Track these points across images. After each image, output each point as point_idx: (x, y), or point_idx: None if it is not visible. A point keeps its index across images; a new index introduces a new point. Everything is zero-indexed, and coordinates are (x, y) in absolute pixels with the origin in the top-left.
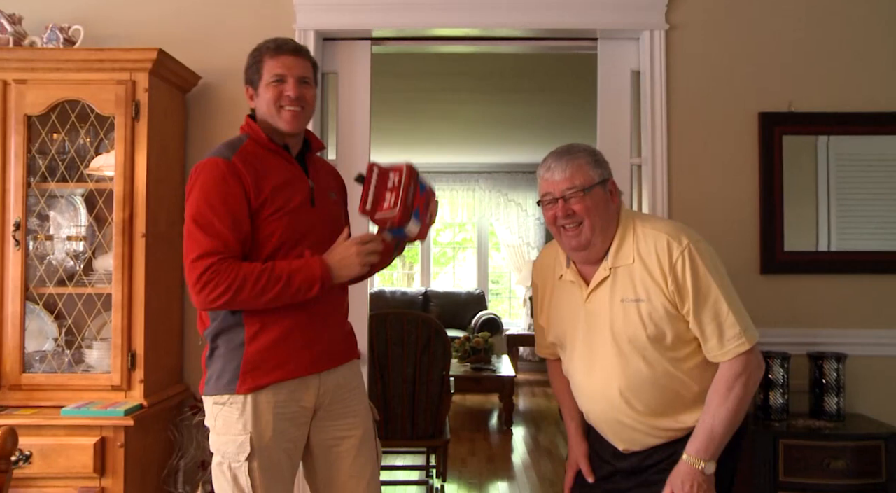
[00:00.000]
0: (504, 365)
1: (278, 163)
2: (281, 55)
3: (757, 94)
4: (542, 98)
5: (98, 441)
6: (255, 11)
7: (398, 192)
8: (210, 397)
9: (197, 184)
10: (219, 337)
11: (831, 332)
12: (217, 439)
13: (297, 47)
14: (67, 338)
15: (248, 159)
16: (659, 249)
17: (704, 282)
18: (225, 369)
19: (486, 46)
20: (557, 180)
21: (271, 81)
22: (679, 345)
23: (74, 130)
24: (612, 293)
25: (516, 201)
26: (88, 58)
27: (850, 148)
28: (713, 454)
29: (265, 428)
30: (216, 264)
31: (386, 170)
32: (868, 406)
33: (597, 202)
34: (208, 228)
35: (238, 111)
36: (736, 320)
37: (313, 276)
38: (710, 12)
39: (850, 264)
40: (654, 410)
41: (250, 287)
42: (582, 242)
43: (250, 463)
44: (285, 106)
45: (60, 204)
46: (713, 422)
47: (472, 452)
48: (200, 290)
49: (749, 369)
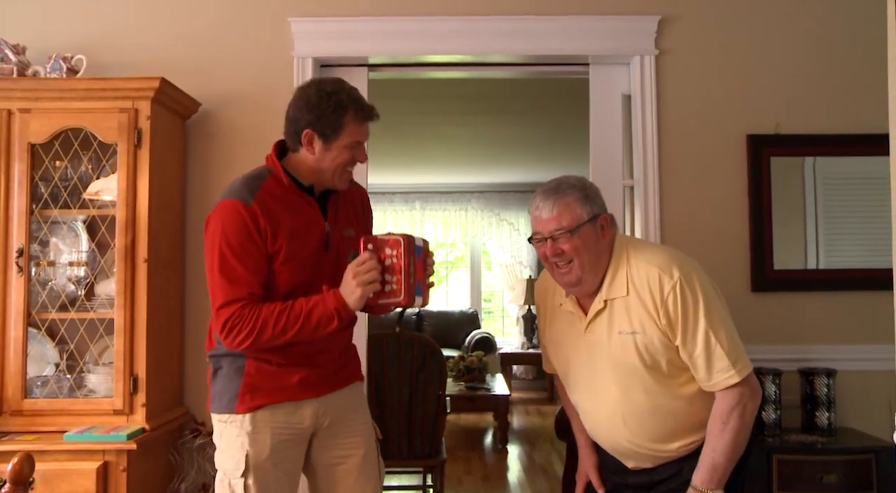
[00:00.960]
0: (498, 384)
1: (296, 206)
2: (366, 123)
3: (745, 116)
4: (534, 120)
5: (101, 466)
6: (254, 39)
7: (399, 274)
8: (215, 415)
9: (218, 229)
10: (222, 358)
11: (821, 348)
12: (220, 455)
13: (375, 111)
14: (69, 363)
15: (267, 202)
16: (651, 283)
17: (693, 316)
18: (226, 388)
19: (480, 72)
20: (545, 219)
21: (350, 145)
22: (675, 372)
23: (77, 158)
24: (609, 325)
25: (508, 221)
26: (91, 87)
27: (836, 169)
28: (719, 482)
29: (262, 447)
30: (239, 311)
31: (381, 242)
32: (858, 421)
33: (586, 241)
34: (232, 275)
35: (237, 137)
36: (725, 352)
37: (328, 310)
38: (698, 38)
39: (837, 282)
40: (657, 436)
41: (271, 329)
42: (572, 280)
43: (246, 480)
44: (349, 168)
45: (62, 230)
46: (714, 455)
47: (468, 471)
48: (226, 336)
49: (743, 400)
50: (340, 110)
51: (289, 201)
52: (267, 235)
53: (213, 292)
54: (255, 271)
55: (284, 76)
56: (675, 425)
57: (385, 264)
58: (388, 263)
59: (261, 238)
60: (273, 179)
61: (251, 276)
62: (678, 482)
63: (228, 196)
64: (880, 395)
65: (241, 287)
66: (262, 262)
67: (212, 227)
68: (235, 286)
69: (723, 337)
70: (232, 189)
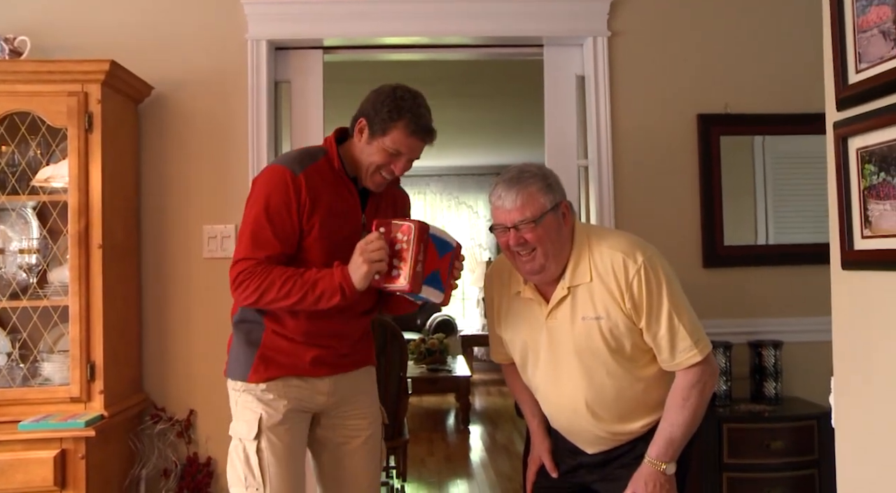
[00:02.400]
0: (460, 366)
1: (340, 191)
2: (414, 138)
3: (695, 96)
4: (491, 103)
5: (58, 454)
6: (207, 21)
7: (406, 260)
8: (230, 382)
9: (261, 191)
10: (241, 325)
11: (769, 321)
12: (234, 422)
13: (433, 137)
14: (22, 352)
15: (313, 178)
16: (616, 267)
17: (657, 298)
18: (240, 357)
19: (435, 54)
20: (508, 209)
21: (389, 151)
22: (638, 355)
23: (25, 143)
24: (572, 312)
25: (467, 204)
26: (38, 69)
27: (784, 147)
28: (673, 456)
29: (275, 413)
30: (252, 267)
31: (394, 226)
32: (803, 389)
33: (548, 230)
34: (259, 235)
35: (191, 120)
36: (687, 332)
37: (334, 283)
38: (649, 19)
39: (786, 257)
40: (618, 417)
41: (276, 290)
42: (535, 268)
43: (259, 443)
44: (383, 174)
45: (11, 217)
46: (672, 430)
47: (430, 452)
48: (235, 289)
49: (703, 378)
50: (396, 114)
51: (334, 184)
52: (305, 208)
53: (238, 245)
54: (283, 239)
55: (238, 59)
56: (636, 406)
57: (395, 248)
58: (399, 247)
59: (298, 210)
60: (325, 160)
61: (277, 242)
62: (631, 458)
63: (279, 163)
64: (823, 364)
65: (264, 249)
66: (291, 233)
67: (256, 187)
68: (258, 246)
69: (685, 318)
70: (284, 158)
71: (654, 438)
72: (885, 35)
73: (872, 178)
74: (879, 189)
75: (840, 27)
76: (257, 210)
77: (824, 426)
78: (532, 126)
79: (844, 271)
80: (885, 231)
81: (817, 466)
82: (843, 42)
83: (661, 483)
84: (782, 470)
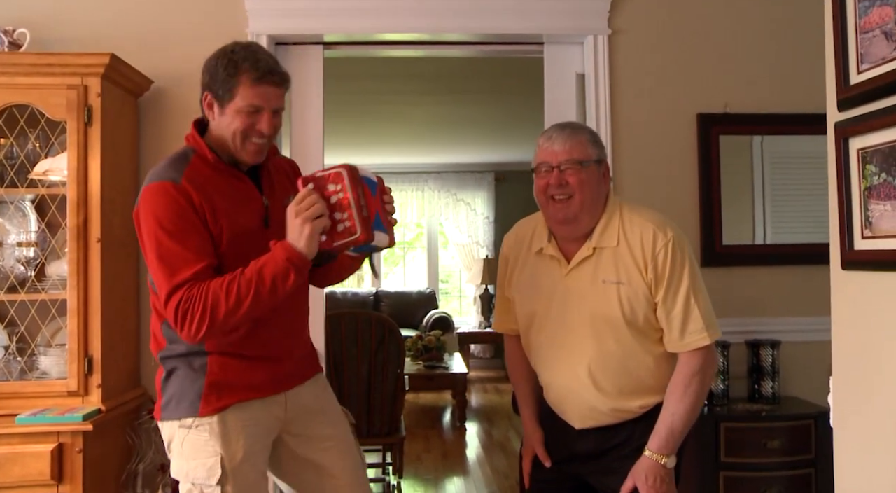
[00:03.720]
0: (456, 363)
1: (228, 183)
2: (263, 85)
3: (695, 96)
4: (489, 99)
5: (55, 448)
6: (207, 16)
7: (350, 209)
8: (173, 422)
9: (149, 215)
10: (178, 359)
11: (767, 320)
12: (185, 464)
13: (282, 77)
14: (20, 345)
15: (197, 180)
16: (644, 237)
17: (679, 275)
18: (186, 391)
19: (435, 50)
20: (557, 151)
21: (244, 110)
22: (648, 330)
23: (23, 135)
24: (594, 273)
25: (465, 201)
26: (38, 62)
27: (783, 147)
28: (673, 448)
29: (236, 449)
30: (186, 293)
31: (321, 179)
32: (800, 389)
33: (590, 178)
34: (172, 260)
35: (190, 115)
36: (701, 315)
37: (279, 262)
38: (650, 18)
39: (783, 256)
40: (618, 390)
41: (224, 302)
42: (569, 216)
43: (223, 487)
44: (252, 138)
45: (9, 210)
46: (673, 419)
47: (427, 449)
48: (181, 325)
49: (705, 366)
50: (232, 69)
51: (219, 179)
52: (205, 211)
53: (158, 283)
54: (198, 249)
55: None
56: (638, 382)
57: (331, 201)
58: (335, 199)
59: (198, 215)
60: (198, 158)
61: (194, 255)
62: (629, 449)
63: (155, 179)
64: (821, 364)
65: (184, 270)
66: (203, 239)
67: (142, 216)
68: (178, 271)
69: (701, 301)
70: (156, 172)
71: (654, 430)
72: (888, 36)
73: (873, 178)
74: (880, 190)
75: (842, 27)
76: (156, 237)
77: (821, 425)
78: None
79: (844, 271)
80: (886, 232)
81: (814, 465)
82: (844, 42)
83: (662, 477)
84: (779, 469)
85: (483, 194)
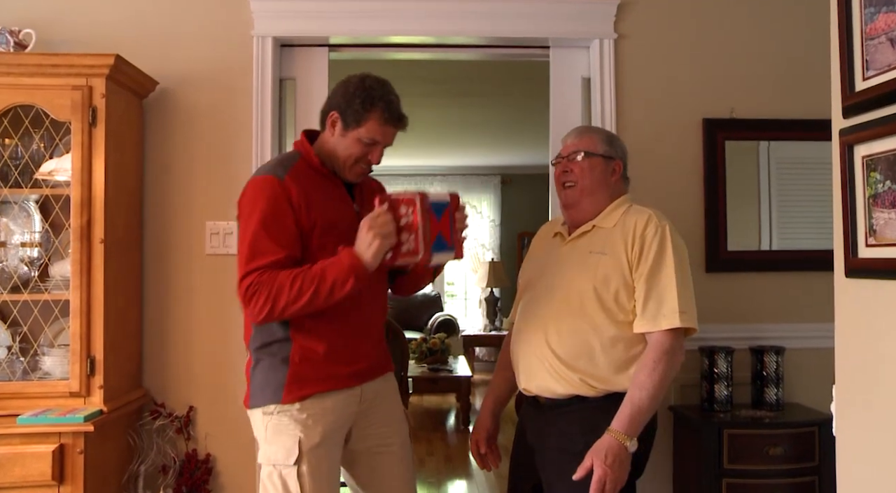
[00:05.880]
0: (461, 366)
1: (326, 186)
2: (390, 127)
3: (701, 101)
4: (495, 103)
5: (56, 449)
6: (212, 18)
7: (416, 232)
8: (258, 409)
9: (249, 201)
10: (263, 349)
11: (771, 326)
12: (267, 448)
13: (405, 121)
14: (22, 345)
15: (300, 179)
16: (639, 220)
17: (666, 258)
18: (269, 380)
19: (441, 53)
20: (568, 144)
21: (365, 141)
22: (615, 308)
23: (28, 136)
24: (587, 245)
25: (471, 204)
26: (43, 62)
27: (788, 153)
28: (636, 430)
29: (314, 434)
30: (258, 277)
31: (396, 201)
32: (804, 396)
33: (593, 169)
34: (258, 246)
35: (195, 117)
36: (679, 300)
37: (343, 266)
38: (656, 23)
39: (788, 263)
40: (565, 351)
41: (287, 292)
42: (570, 201)
43: (299, 468)
44: (362, 164)
45: (13, 210)
46: (640, 395)
47: (430, 452)
48: (246, 305)
49: (674, 348)
50: (369, 104)
51: (319, 181)
52: (301, 208)
53: (239, 263)
54: (285, 242)
55: (244, 56)
56: (586, 352)
57: (401, 223)
58: (404, 222)
59: (293, 211)
60: (303, 161)
61: (277, 246)
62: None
63: (262, 173)
64: (825, 371)
65: (264, 257)
66: (292, 236)
67: (244, 203)
68: (259, 256)
69: (682, 287)
70: (265, 167)
71: (619, 410)
72: (893, 43)
73: (878, 186)
74: (885, 197)
75: (848, 34)
76: (254, 224)
77: (825, 433)
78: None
79: (848, 279)
80: (891, 240)
81: (817, 473)
82: (850, 49)
83: (622, 460)
84: (782, 477)
85: (489, 197)
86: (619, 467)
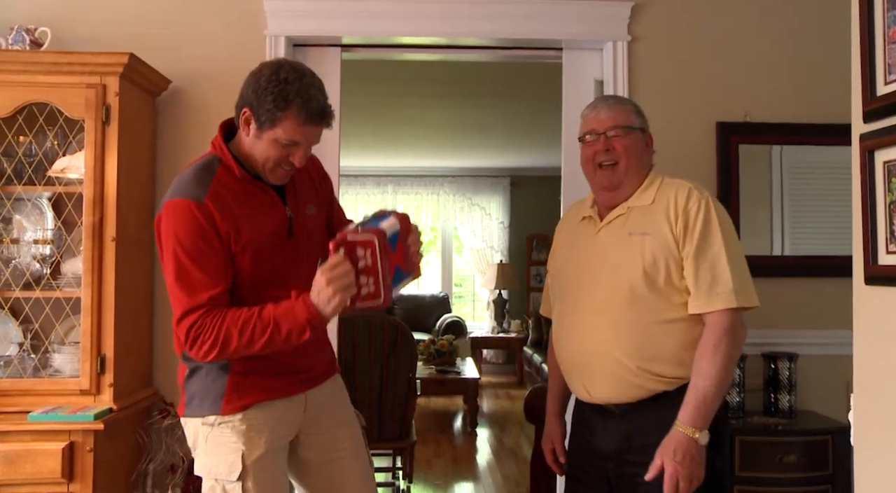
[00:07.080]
0: (468, 367)
1: (252, 195)
2: (310, 126)
3: (714, 104)
4: (507, 104)
5: (66, 446)
6: (226, 17)
7: (376, 274)
8: (195, 419)
9: (170, 233)
10: None
11: (784, 333)
12: (207, 460)
13: (329, 118)
14: (33, 342)
15: (222, 197)
16: (679, 192)
17: (713, 232)
18: (209, 389)
19: (453, 54)
20: (603, 118)
21: (283, 142)
22: (669, 290)
23: (42, 133)
24: (623, 228)
25: (480, 205)
26: (57, 61)
27: (803, 157)
28: (705, 421)
29: (257, 446)
30: (200, 319)
31: (352, 244)
32: (817, 403)
33: (635, 144)
34: (189, 282)
35: (207, 115)
36: (732, 277)
37: (299, 321)
38: (670, 25)
39: (802, 268)
40: (630, 346)
41: (236, 339)
42: (614, 182)
43: (244, 483)
44: (283, 166)
45: (27, 207)
46: (704, 384)
47: (437, 453)
48: (190, 347)
49: (735, 327)
50: (282, 102)
51: (244, 192)
52: (229, 235)
53: (173, 300)
54: (216, 273)
55: (256, 55)
56: (650, 342)
57: (359, 266)
58: (362, 265)
59: (220, 239)
60: (224, 169)
61: (211, 279)
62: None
63: (178, 195)
64: (839, 378)
65: (201, 293)
66: (222, 263)
67: (163, 231)
68: (194, 294)
69: (735, 263)
70: (181, 186)
71: (684, 400)
72: None
73: None
74: None
75: (869, 38)
76: (176, 257)
77: (839, 440)
78: (549, 129)
79: (868, 286)
80: None
81: (831, 482)
82: (871, 53)
83: (692, 455)
84: (795, 485)
85: (498, 199)
86: (690, 462)
